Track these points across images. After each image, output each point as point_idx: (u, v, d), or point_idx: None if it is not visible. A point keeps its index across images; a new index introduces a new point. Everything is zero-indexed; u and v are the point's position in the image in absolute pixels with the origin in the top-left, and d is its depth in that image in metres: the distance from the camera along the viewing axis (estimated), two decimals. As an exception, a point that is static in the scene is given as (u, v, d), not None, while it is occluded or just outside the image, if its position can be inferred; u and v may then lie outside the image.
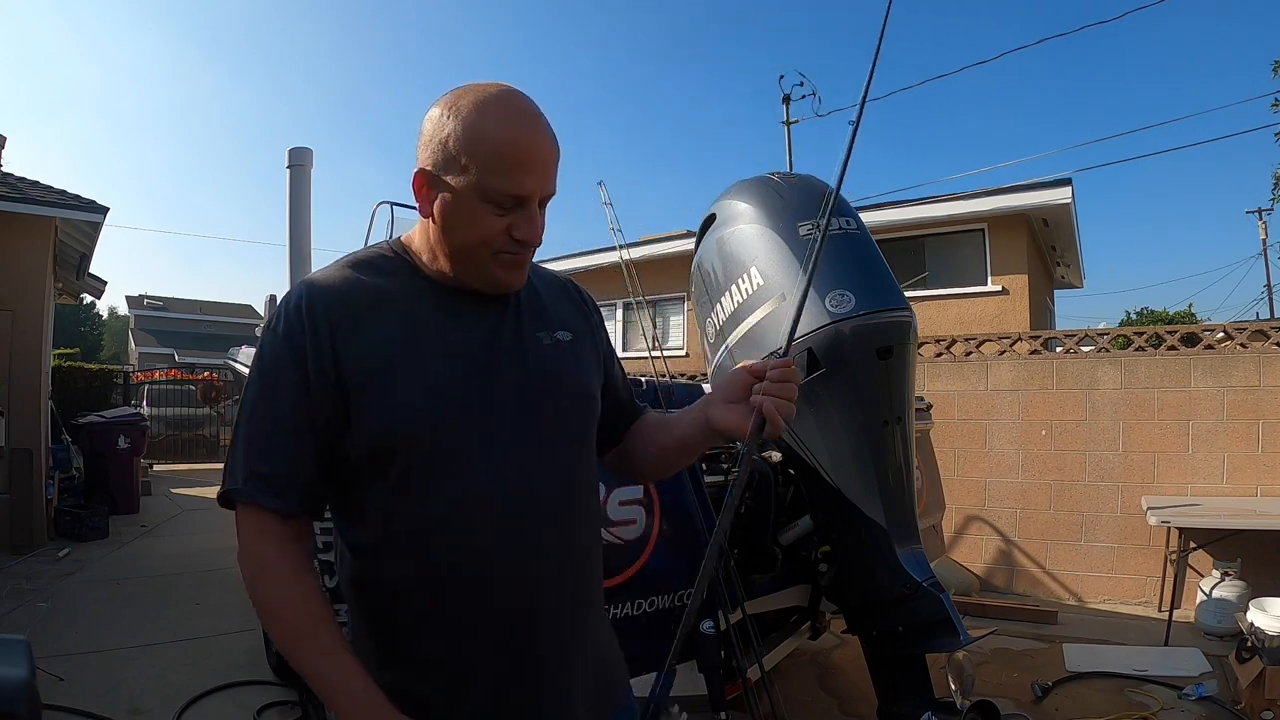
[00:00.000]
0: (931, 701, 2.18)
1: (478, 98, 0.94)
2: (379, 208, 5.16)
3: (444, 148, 0.93)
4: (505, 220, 0.94)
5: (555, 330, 1.08)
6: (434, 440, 0.94)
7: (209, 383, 14.53)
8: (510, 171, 0.91)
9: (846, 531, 2.23)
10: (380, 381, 0.93)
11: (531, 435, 1.00)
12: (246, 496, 0.94)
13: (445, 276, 1.00)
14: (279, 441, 0.94)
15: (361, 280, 0.99)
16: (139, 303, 37.92)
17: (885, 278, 2.26)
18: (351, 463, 0.96)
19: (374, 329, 0.95)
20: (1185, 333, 5.17)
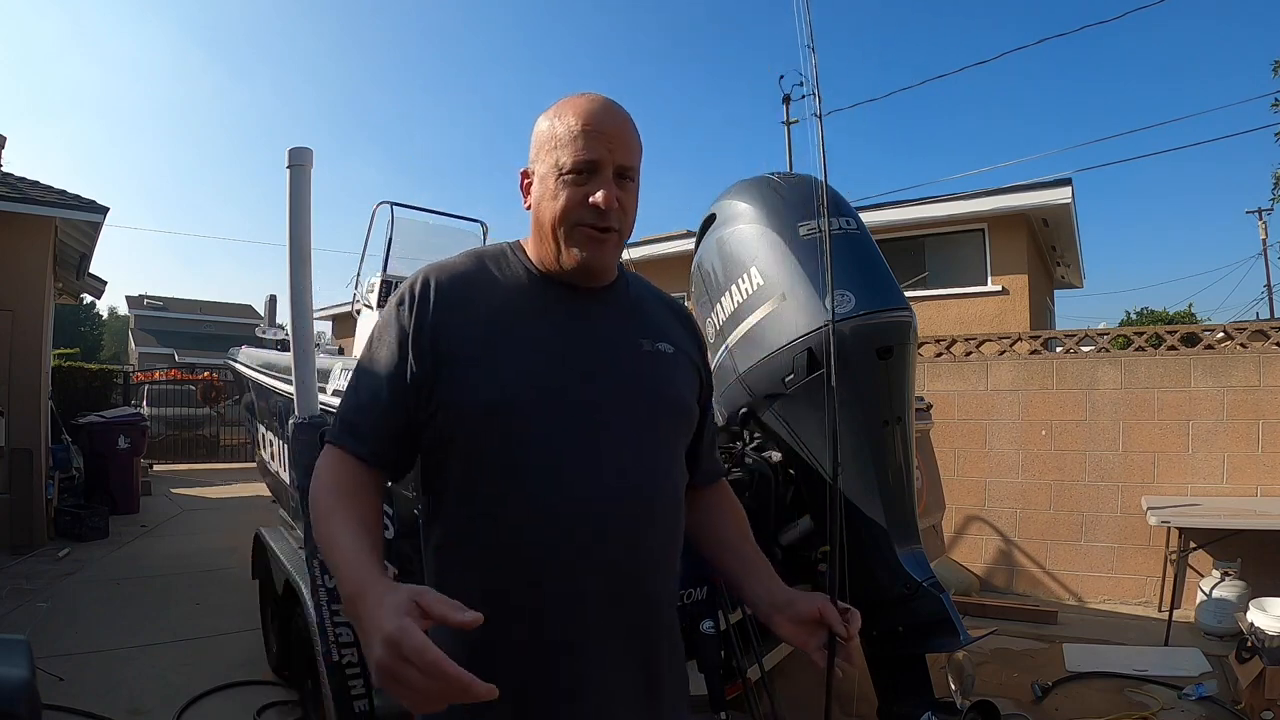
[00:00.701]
0: (931, 701, 2.18)
1: (559, 102, 1.06)
2: (379, 208, 5.17)
3: (534, 144, 1.06)
4: (583, 190, 1.01)
5: (657, 341, 1.11)
6: (520, 424, 0.98)
7: (209, 383, 14.51)
8: (577, 140, 1.01)
9: (846, 532, 2.22)
10: (475, 360, 1.00)
11: (622, 431, 1.02)
12: (331, 436, 1.06)
13: (550, 269, 1.07)
14: (370, 397, 1.04)
15: (477, 267, 1.09)
16: (139, 303, 37.90)
17: (885, 278, 2.25)
18: (437, 438, 1.02)
19: (478, 311, 1.03)
20: (1185, 333, 5.17)
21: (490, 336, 1.01)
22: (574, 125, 1.01)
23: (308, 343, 2.41)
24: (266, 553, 3.46)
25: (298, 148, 2.32)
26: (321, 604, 2.26)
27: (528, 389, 0.99)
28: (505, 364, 1.00)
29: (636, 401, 1.04)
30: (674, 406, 1.10)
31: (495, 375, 0.99)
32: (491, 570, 0.98)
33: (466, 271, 1.08)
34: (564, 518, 0.96)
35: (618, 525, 0.98)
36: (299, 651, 3.03)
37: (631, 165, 1.04)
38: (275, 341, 4.91)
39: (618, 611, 1.00)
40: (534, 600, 0.97)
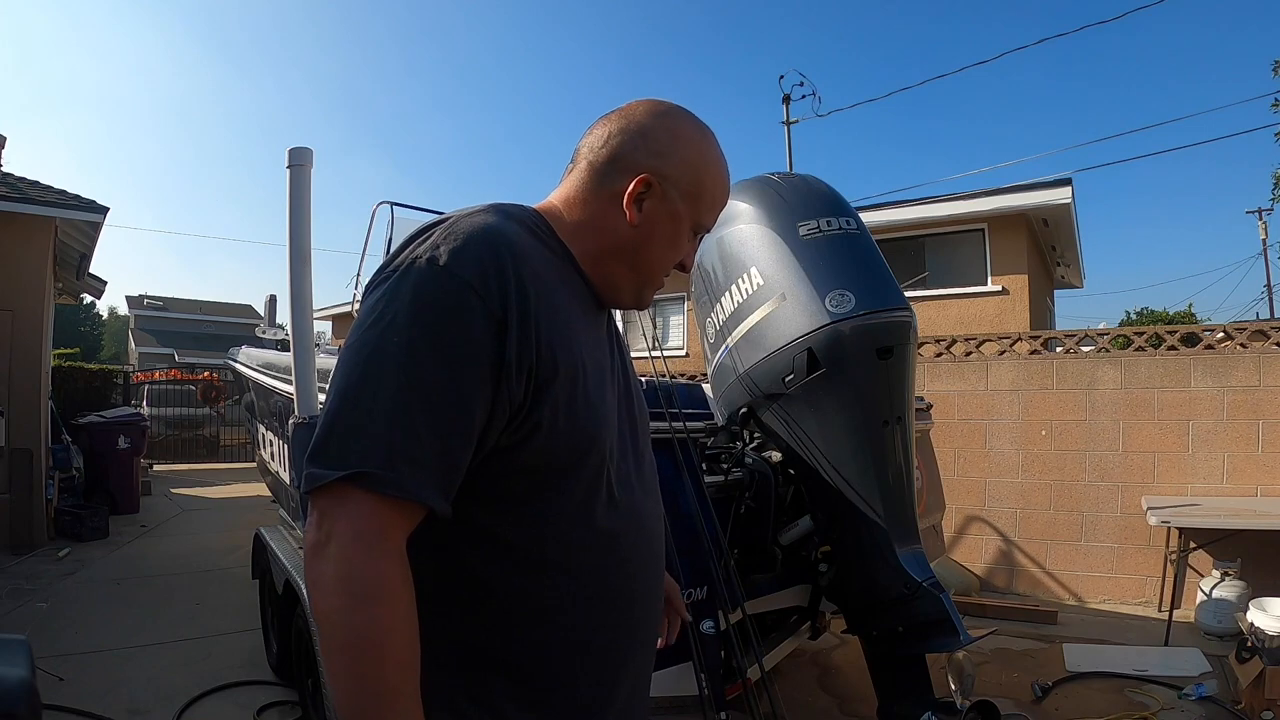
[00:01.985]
0: (931, 701, 2.18)
1: (704, 135, 0.95)
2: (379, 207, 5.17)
3: (684, 170, 0.90)
4: (685, 251, 0.96)
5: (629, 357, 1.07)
6: (603, 452, 0.84)
7: (209, 383, 14.51)
8: (716, 209, 0.97)
9: (846, 531, 2.23)
10: (576, 381, 0.80)
11: (648, 452, 1.00)
12: (393, 486, 0.69)
13: (593, 279, 0.91)
14: (451, 418, 0.72)
15: (537, 252, 0.83)
16: (139, 303, 37.90)
17: (885, 278, 2.26)
18: (518, 466, 0.79)
19: (565, 315, 0.82)
20: (1185, 333, 5.17)
21: (576, 351, 0.82)
22: (720, 193, 0.96)
23: (308, 343, 2.41)
24: (266, 553, 3.47)
25: (298, 148, 2.33)
26: (321, 604, 2.26)
27: (607, 413, 0.86)
28: (591, 388, 0.83)
29: (645, 419, 1.01)
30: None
31: (588, 400, 0.82)
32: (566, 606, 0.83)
33: (538, 257, 0.82)
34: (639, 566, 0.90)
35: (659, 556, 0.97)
36: (299, 651, 3.03)
37: None
38: (275, 341, 4.91)
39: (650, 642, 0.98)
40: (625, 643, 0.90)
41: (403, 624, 0.70)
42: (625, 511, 0.87)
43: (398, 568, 0.71)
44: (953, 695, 2.26)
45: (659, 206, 0.89)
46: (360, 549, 0.68)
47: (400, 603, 0.70)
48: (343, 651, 0.68)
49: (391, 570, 0.70)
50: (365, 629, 0.67)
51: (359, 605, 0.68)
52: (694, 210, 0.92)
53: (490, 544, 0.80)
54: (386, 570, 0.69)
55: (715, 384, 2.57)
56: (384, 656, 0.68)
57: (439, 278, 0.74)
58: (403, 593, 0.70)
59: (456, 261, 0.75)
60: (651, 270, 0.93)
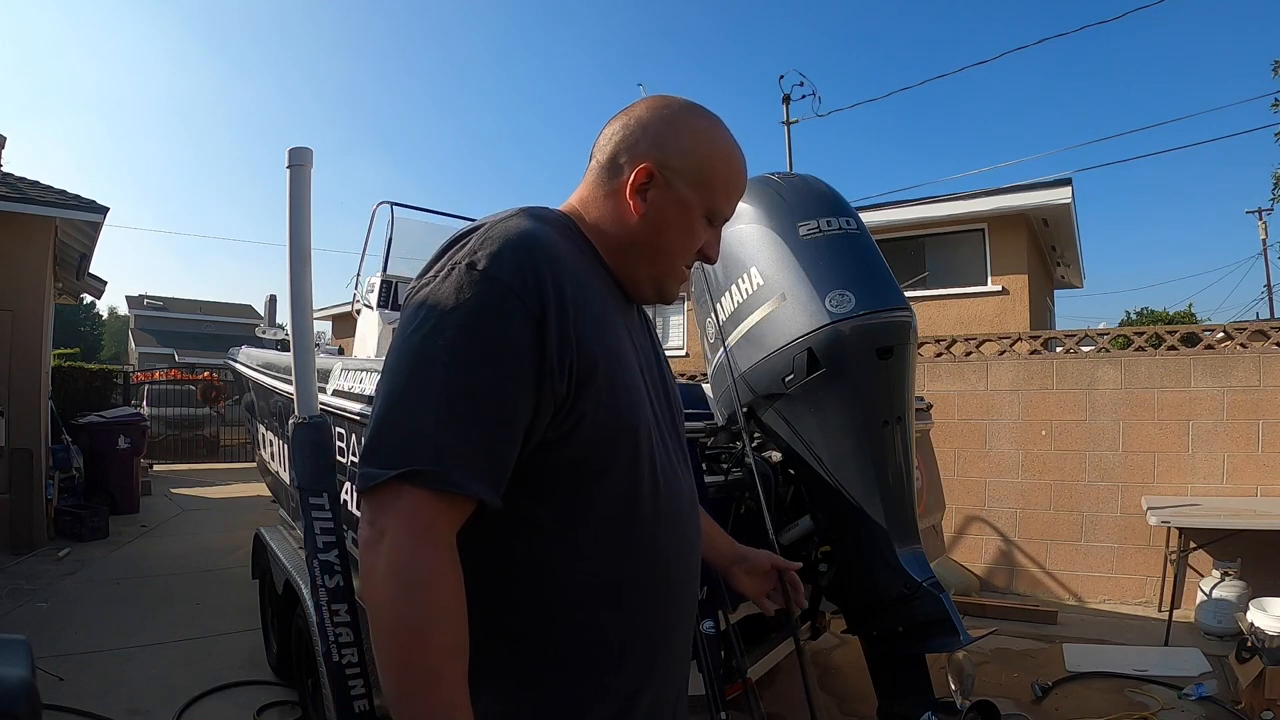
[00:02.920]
0: (931, 701, 2.18)
1: (712, 121, 0.96)
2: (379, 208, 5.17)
3: (684, 156, 0.91)
4: (704, 239, 0.96)
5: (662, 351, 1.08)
6: (643, 446, 0.86)
7: (209, 383, 14.51)
8: (732, 197, 0.96)
9: (846, 531, 2.23)
10: (614, 373, 0.84)
11: (681, 445, 1.00)
12: (442, 481, 0.73)
13: (620, 275, 0.95)
14: (496, 416, 0.76)
15: (574, 255, 0.87)
16: (139, 303, 37.90)
17: (885, 278, 2.25)
18: (563, 458, 0.82)
19: (599, 311, 0.86)
20: (1185, 333, 5.17)
21: (611, 345, 0.86)
22: (736, 178, 0.96)
23: (308, 343, 2.41)
24: (266, 553, 3.47)
25: (298, 148, 2.33)
26: (321, 604, 2.27)
27: (643, 407, 0.88)
28: (628, 380, 0.87)
29: (679, 414, 1.03)
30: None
31: (626, 392, 0.85)
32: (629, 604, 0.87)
33: (570, 257, 0.86)
34: (679, 545, 0.92)
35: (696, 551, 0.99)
36: (299, 651, 3.03)
37: None
38: (275, 341, 4.91)
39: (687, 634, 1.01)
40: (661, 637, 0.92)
41: (448, 612, 0.73)
42: (666, 498, 0.89)
43: (447, 559, 0.74)
44: (953, 695, 2.26)
45: (664, 195, 0.91)
46: (411, 541, 0.72)
47: (446, 592, 0.73)
48: (390, 637, 0.71)
49: (440, 561, 0.73)
50: (412, 616, 0.71)
51: (407, 594, 0.71)
52: (703, 197, 0.92)
53: (538, 533, 0.83)
54: (435, 561, 0.73)
55: (715, 384, 2.57)
56: (428, 643, 0.71)
57: (478, 283, 0.77)
58: (450, 583, 0.73)
59: (495, 265, 0.78)
60: (668, 261, 0.94)
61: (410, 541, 0.72)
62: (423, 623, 0.71)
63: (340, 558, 2.30)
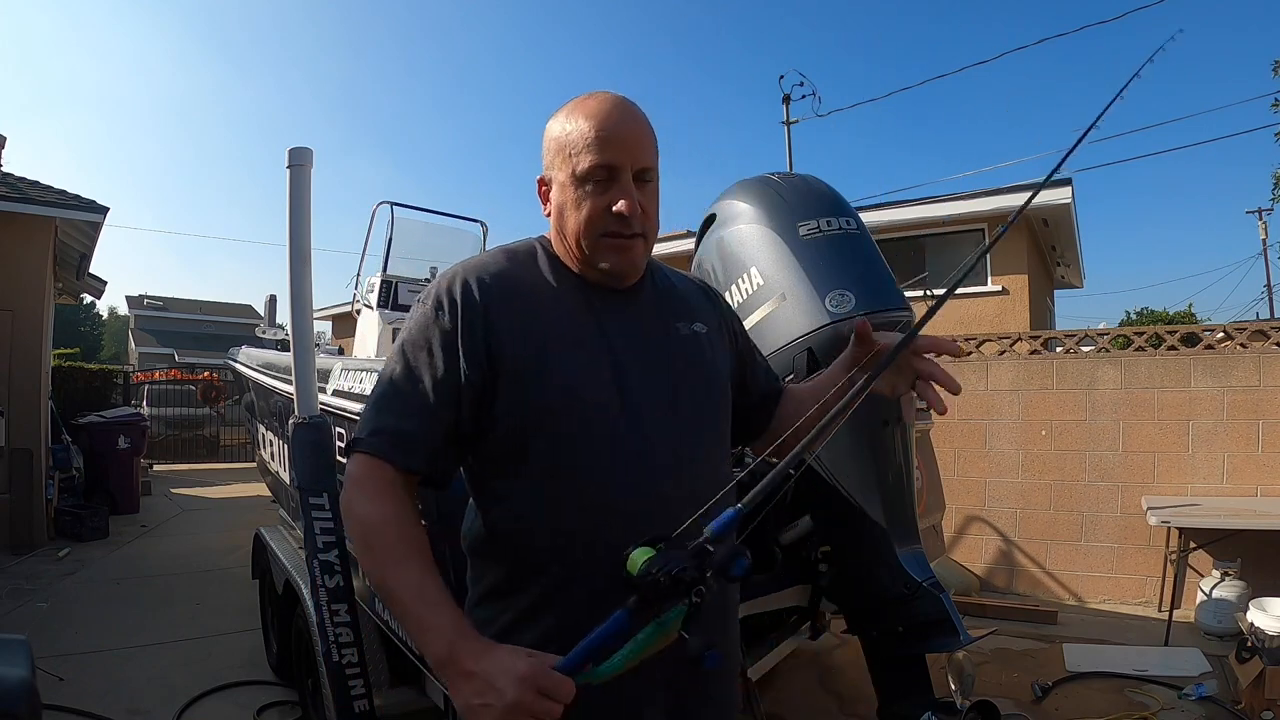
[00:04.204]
0: (931, 701, 2.18)
1: (570, 105, 1.05)
2: (379, 208, 5.17)
3: (547, 152, 1.05)
4: (605, 198, 1.00)
5: (692, 322, 1.13)
6: (572, 431, 0.98)
7: (209, 383, 14.51)
8: (594, 146, 0.99)
9: (847, 531, 2.23)
10: (532, 368, 0.99)
11: (671, 428, 1.04)
12: (371, 448, 0.99)
13: (582, 272, 1.07)
14: (418, 405, 0.99)
15: (513, 268, 1.06)
16: (139, 303, 37.89)
17: (885, 278, 2.25)
18: (492, 441, 1.01)
19: (526, 315, 1.02)
20: (1185, 333, 5.16)
21: (541, 339, 1.00)
22: (589, 130, 0.99)
23: (308, 343, 2.41)
24: (266, 553, 3.47)
25: (298, 148, 2.33)
26: (321, 604, 2.26)
27: (582, 392, 1.00)
28: (560, 368, 0.99)
29: (679, 392, 1.06)
30: (713, 386, 1.12)
31: (553, 380, 0.99)
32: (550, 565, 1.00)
33: (504, 270, 1.05)
34: (620, 517, 0.97)
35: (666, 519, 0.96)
36: (299, 651, 3.03)
37: (650, 166, 1.03)
38: (275, 341, 4.91)
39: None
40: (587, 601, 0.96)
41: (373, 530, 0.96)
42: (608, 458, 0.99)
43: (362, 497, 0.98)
44: (953, 695, 2.26)
45: (550, 190, 1.06)
46: (348, 486, 1.00)
47: (373, 517, 0.96)
48: (352, 542, 1.08)
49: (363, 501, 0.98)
50: (353, 532, 1.01)
51: (350, 519, 1.00)
52: (565, 167, 1.02)
53: (494, 500, 1.04)
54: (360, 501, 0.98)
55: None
56: (362, 546, 0.98)
57: (415, 314, 1.05)
58: (376, 512, 0.96)
59: (425, 298, 1.05)
60: (579, 237, 1.03)
61: (348, 486, 1.00)
62: (358, 537, 0.99)
63: (340, 558, 2.30)
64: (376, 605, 2.42)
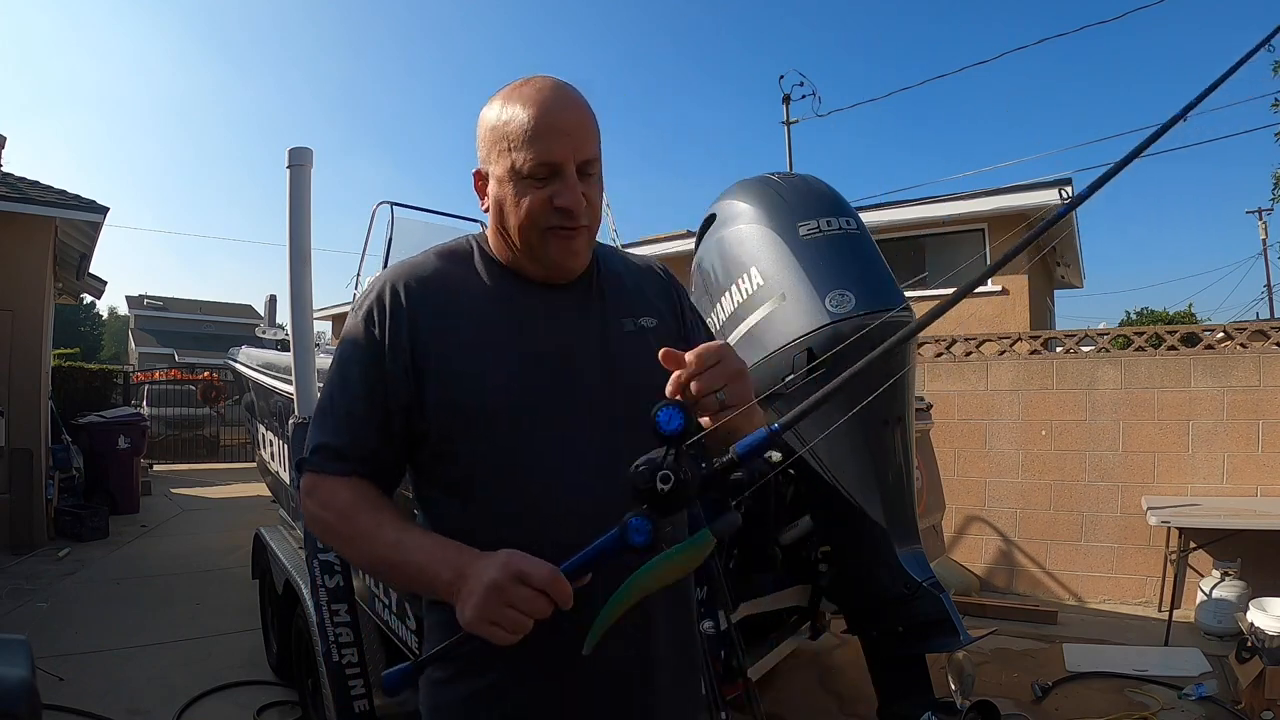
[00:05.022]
0: (931, 701, 2.18)
1: (505, 91, 1.00)
2: (379, 208, 5.16)
3: (483, 142, 1.01)
4: (546, 192, 0.96)
5: (639, 316, 1.09)
6: (504, 431, 0.97)
7: (209, 383, 14.51)
8: (534, 140, 0.94)
9: (846, 531, 2.23)
10: (454, 369, 0.98)
11: (609, 428, 1.00)
12: (313, 465, 1.02)
13: (519, 267, 1.04)
14: (346, 416, 1.01)
15: (444, 269, 1.05)
16: (139, 303, 37.89)
17: (885, 278, 2.25)
18: (426, 445, 1.01)
19: (453, 317, 1.01)
20: (1185, 333, 5.16)
21: (469, 342, 0.99)
22: (528, 122, 0.94)
23: (308, 343, 2.41)
24: (266, 553, 3.47)
25: (298, 148, 2.33)
26: (321, 604, 2.26)
27: (512, 394, 0.98)
28: (488, 370, 0.98)
29: (626, 393, 1.02)
30: (658, 384, 1.03)
31: (480, 382, 0.98)
32: None
33: (434, 273, 1.04)
34: (555, 521, 0.95)
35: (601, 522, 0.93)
36: (299, 651, 3.03)
37: (593, 157, 0.99)
38: (275, 341, 4.91)
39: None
40: None
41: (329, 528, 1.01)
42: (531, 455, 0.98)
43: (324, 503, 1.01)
44: (953, 695, 2.26)
45: (488, 185, 1.02)
46: (306, 501, 1.03)
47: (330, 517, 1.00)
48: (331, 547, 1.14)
49: (318, 507, 1.01)
50: (324, 535, 1.04)
51: (315, 528, 1.04)
52: (506, 160, 0.97)
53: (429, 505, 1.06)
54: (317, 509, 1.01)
55: None
56: (340, 538, 1.01)
57: (348, 324, 1.06)
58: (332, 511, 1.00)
59: (358, 306, 1.05)
60: (522, 231, 1.00)
61: (304, 502, 1.03)
62: (330, 538, 1.04)
63: (340, 558, 2.30)
64: (376, 605, 2.42)
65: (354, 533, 0.97)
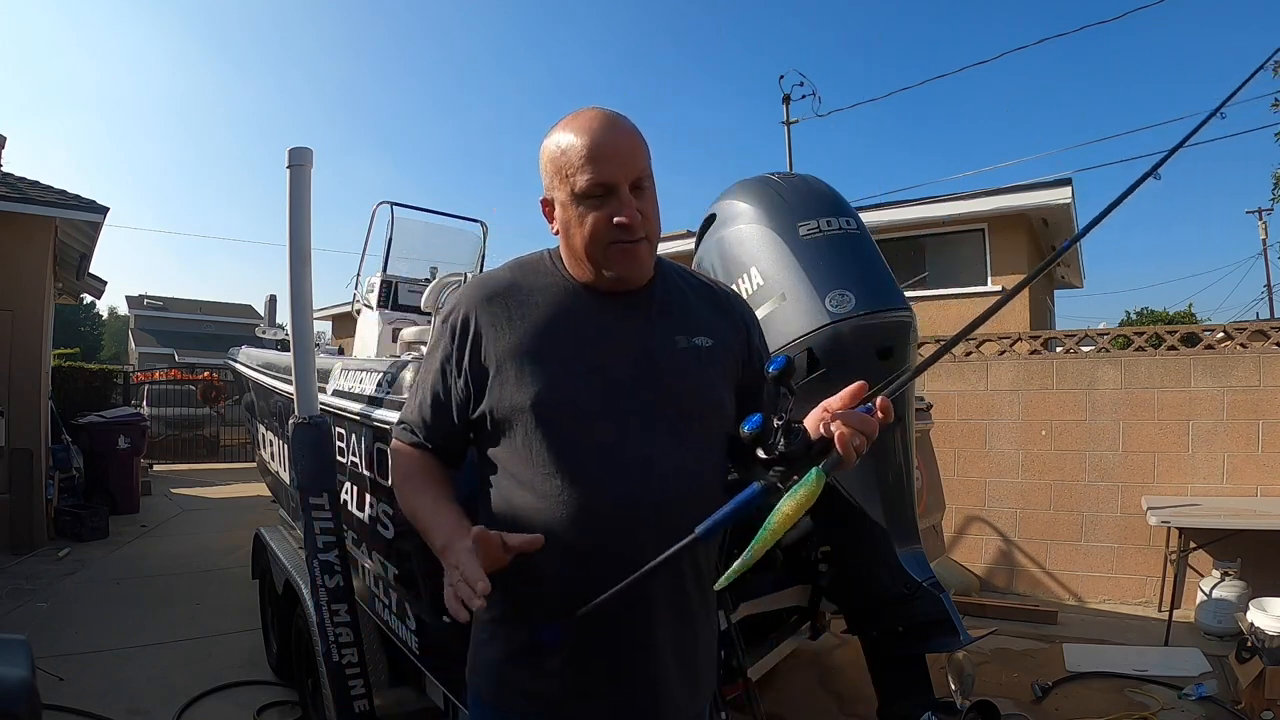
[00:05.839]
0: (931, 701, 2.18)
1: (561, 124, 1.11)
2: (379, 207, 5.16)
3: (545, 172, 1.12)
4: (606, 211, 1.06)
5: (694, 335, 1.16)
6: (559, 434, 1.08)
7: (209, 383, 14.50)
8: (589, 165, 1.05)
9: (846, 531, 2.22)
10: (512, 374, 1.10)
11: (652, 437, 1.08)
12: (398, 435, 1.26)
13: (587, 280, 1.14)
14: (422, 402, 1.21)
15: (516, 281, 1.18)
16: (139, 303, 37.88)
17: (885, 278, 2.25)
18: (485, 435, 1.15)
19: (517, 325, 1.12)
20: (1185, 333, 5.16)
21: (526, 350, 1.10)
22: (582, 150, 1.06)
23: (308, 343, 2.41)
24: (266, 553, 3.46)
25: (298, 148, 2.32)
26: (321, 604, 2.26)
27: (561, 397, 1.08)
28: (541, 374, 1.09)
29: (668, 404, 1.11)
30: (706, 403, 1.15)
31: (528, 387, 1.08)
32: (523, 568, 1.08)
33: (506, 288, 1.17)
34: (594, 519, 1.05)
35: (643, 529, 1.05)
36: (299, 651, 3.03)
37: (644, 174, 1.09)
38: (275, 341, 4.91)
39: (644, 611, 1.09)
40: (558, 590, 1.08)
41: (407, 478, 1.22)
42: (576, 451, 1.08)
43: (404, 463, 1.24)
44: (953, 695, 2.26)
45: (554, 210, 1.13)
46: (391, 458, 1.30)
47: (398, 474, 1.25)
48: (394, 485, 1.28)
49: (399, 464, 1.25)
50: (395, 485, 1.26)
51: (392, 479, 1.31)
52: (565, 187, 1.08)
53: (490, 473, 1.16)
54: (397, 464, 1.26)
55: None
56: (398, 489, 1.24)
57: (434, 324, 1.35)
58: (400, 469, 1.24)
59: (444, 311, 1.23)
60: (588, 250, 1.10)
61: (392, 454, 1.28)
62: (396, 488, 1.26)
63: (340, 558, 2.30)
64: (376, 605, 2.42)
65: (407, 487, 1.20)
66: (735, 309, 1.27)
